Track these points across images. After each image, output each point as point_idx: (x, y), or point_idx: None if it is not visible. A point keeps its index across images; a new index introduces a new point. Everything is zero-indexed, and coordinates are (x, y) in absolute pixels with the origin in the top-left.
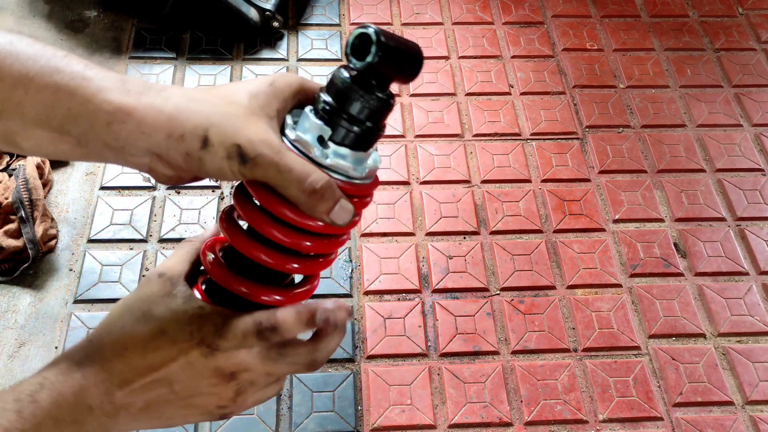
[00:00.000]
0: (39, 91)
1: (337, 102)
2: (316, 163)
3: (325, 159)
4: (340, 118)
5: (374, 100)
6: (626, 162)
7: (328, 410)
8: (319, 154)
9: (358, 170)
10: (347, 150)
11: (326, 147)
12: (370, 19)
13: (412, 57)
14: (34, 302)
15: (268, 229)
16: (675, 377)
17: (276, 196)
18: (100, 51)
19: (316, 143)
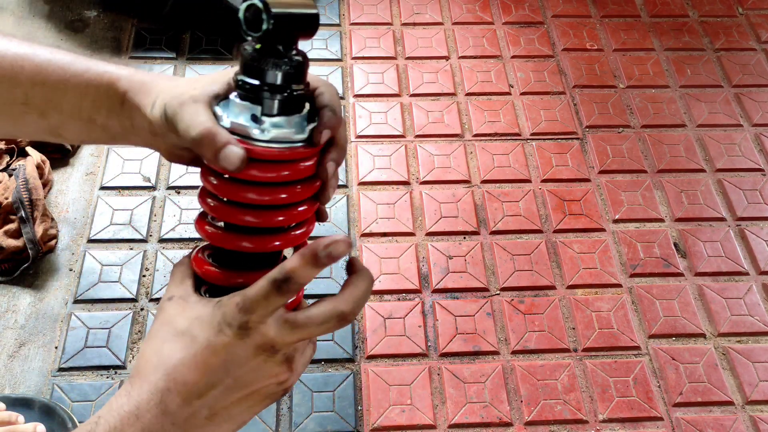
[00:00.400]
0: (73, 89)
1: (254, 77)
2: (259, 141)
3: (265, 134)
4: (262, 91)
5: (286, 64)
6: (626, 162)
7: (328, 410)
8: (258, 133)
9: (301, 132)
10: (282, 118)
11: (262, 123)
12: (370, 20)
13: (306, 14)
14: (34, 302)
15: (233, 214)
16: (675, 377)
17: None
18: (100, 51)
19: (251, 123)
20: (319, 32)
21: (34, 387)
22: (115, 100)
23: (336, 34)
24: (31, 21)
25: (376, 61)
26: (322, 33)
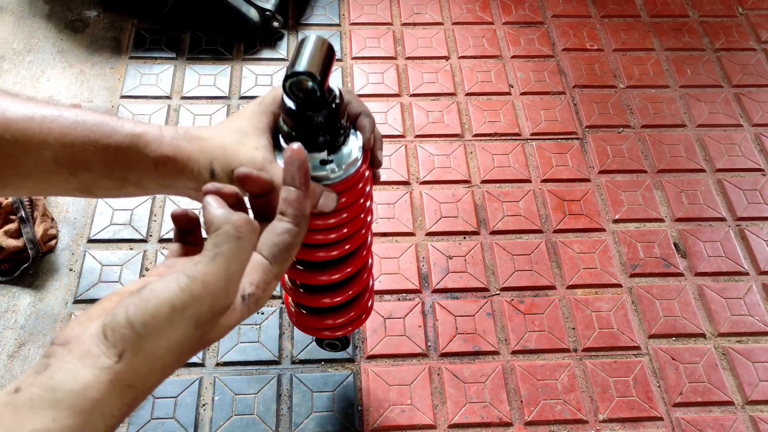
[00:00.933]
0: (104, 150)
1: (309, 131)
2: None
3: (339, 171)
4: (322, 140)
5: (330, 108)
6: (626, 162)
7: (328, 410)
8: (334, 174)
9: (357, 151)
10: (343, 151)
11: (330, 163)
12: (370, 20)
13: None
14: (34, 302)
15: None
16: (675, 377)
17: None
18: (100, 51)
19: (323, 167)
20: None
21: None
22: (147, 164)
23: (336, 34)
24: (31, 21)
25: (376, 61)
26: (322, 33)
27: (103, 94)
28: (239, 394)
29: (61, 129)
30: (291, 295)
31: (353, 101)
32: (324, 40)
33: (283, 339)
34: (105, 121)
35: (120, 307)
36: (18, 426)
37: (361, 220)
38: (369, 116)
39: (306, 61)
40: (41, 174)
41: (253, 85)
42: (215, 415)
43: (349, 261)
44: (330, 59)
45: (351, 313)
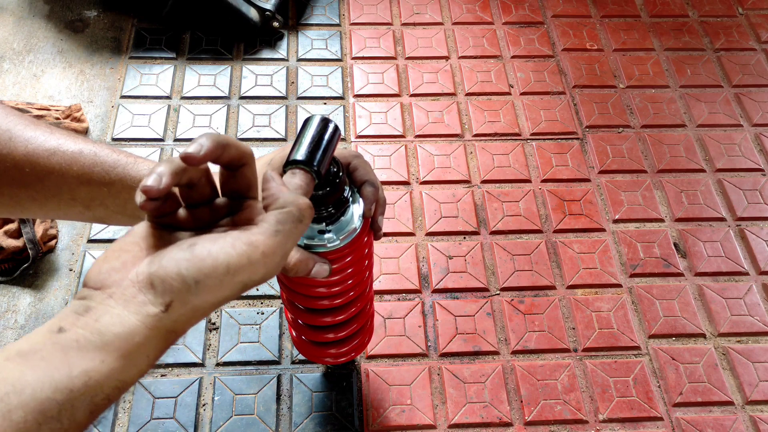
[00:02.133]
0: (118, 191)
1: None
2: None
3: (336, 241)
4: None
5: (331, 185)
6: (626, 162)
7: (328, 410)
8: (330, 243)
9: (356, 220)
10: (341, 221)
11: (329, 232)
12: (370, 20)
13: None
14: (34, 302)
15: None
16: (675, 377)
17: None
18: (100, 51)
19: (321, 237)
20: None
21: None
22: None
23: (336, 34)
24: (31, 21)
25: (376, 61)
26: (321, 33)
27: (103, 94)
28: (239, 394)
29: (80, 168)
30: (295, 329)
31: (360, 168)
32: (327, 122)
33: (283, 339)
34: (121, 162)
35: (169, 260)
36: (68, 366)
37: (360, 278)
38: (374, 185)
39: (305, 149)
40: (58, 205)
41: (253, 85)
42: (215, 415)
43: (348, 308)
44: (331, 143)
45: (352, 343)
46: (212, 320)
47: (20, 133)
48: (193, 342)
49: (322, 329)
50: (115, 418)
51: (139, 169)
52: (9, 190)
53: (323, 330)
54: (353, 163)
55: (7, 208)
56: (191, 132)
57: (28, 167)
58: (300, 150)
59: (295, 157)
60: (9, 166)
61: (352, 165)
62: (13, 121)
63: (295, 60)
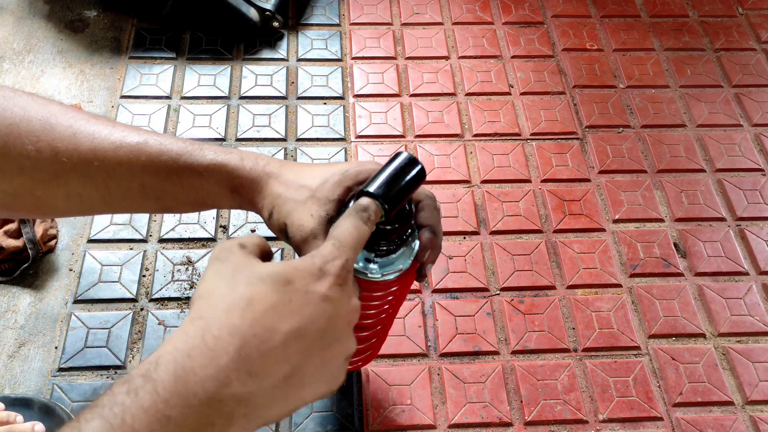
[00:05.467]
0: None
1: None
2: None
3: (377, 274)
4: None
5: (393, 224)
6: (626, 162)
7: (328, 410)
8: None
9: (406, 260)
10: (391, 257)
11: (375, 263)
12: (370, 20)
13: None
14: (34, 302)
15: None
16: (675, 377)
17: None
18: (100, 51)
19: (366, 264)
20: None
21: (34, 387)
22: (225, 190)
23: (336, 34)
24: (31, 21)
25: (376, 61)
26: (321, 33)
27: (103, 94)
28: None
29: (147, 158)
30: None
31: (426, 210)
32: (414, 162)
33: None
34: (188, 150)
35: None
36: None
37: (389, 311)
38: (434, 232)
39: (382, 183)
40: (131, 198)
41: (253, 85)
42: None
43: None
44: (411, 184)
45: (362, 355)
46: None
47: (83, 128)
48: None
49: None
50: None
51: (205, 155)
52: (78, 190)
53: None
54: (423, 203)
55: (74, 210)
56: (191, 132)
57: (96, 162)
58: (377, 182)
59: (370, 189)
60: (76, 162)
61: (421, 204)
62: (73, 116)
63: (295, 60)
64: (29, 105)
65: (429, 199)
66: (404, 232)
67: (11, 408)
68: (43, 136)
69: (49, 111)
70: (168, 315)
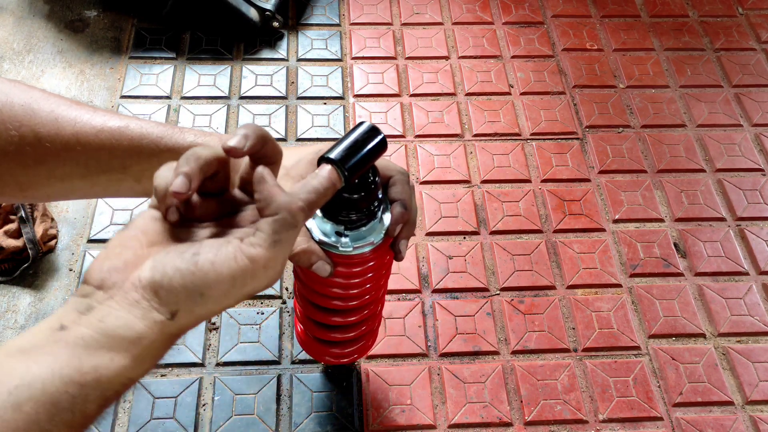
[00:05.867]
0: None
1: (334, 206)
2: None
3: (348, 248)
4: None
5: (360, 194)
6: (626, 162)
7: (328, 410)
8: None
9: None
10: (361, 230)
11: (345, 237)
12: (370, 20)
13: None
14: (34, 302)
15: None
16: (675, 377)
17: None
18: (100, 51)
19: (337, 238)
20: (319, 32)
21: None
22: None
23: (336, 34)
24: (31, 21)
25: (376, 61)
26: (322, 33)
27: (103, 94)
28: (239, 394)
29: (129, 141)
30: (301, 322)
31: (398, 185)
32: (375, 131)
33: (283, 339)
34: (169, 133)
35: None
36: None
37: (370, 290)
38: (405, 206)
39: (343, 149)
40: (108, 181)
41: (253, 85)
42: (215, 415)
43: (357, 313)
44: (372, 152)
45: (356, 345)
46: (212, 320)
47: (65, 113)
48: (193, 342)
49: (329, 328)
50: (115, 418)
51: (186, 137)
52: (62, 171)
53: (329, 329)
54: (394, 178)
55: (60, 193)
56: None
57: (79, 146)
58: (338, 149)
59: (330, 155)
60: (59, 147)
61: (392, 179)
62: (55, 101)
63: (295, 60)
64: (11, 91)
65: (400, 174)
66: (371, 203)
67: None
68: (25, 122)
69: (31, 96)
70: None
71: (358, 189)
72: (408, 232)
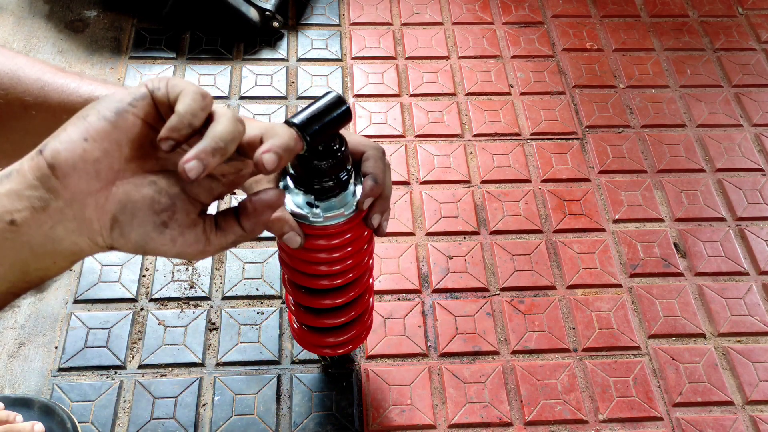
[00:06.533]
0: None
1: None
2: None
3: (319, 218)
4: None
5: (328, 161)
6: (626, 162)
7: (328, 410)
8: (314, 218)
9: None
10: (332, 201)
11: (316, 207)
12: (370, 20)
13: (335, 116)
14: (34, 302)
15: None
16: (675, 377)
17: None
18: (100, 51)
19: (308, 209)
20: (319, 32)
21: (34, 387)
22: None
23: (336, 34)
24: (31, 21)
25: (376, 61)
26: (321, 33)
27: None
28: (239, 394)
29: (81, 99)
30: (294, 314)
31: (371, 160)
32: (339, 100)
33: (283, 339)
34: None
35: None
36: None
37: (351, 266)
38: (376, 180)
39: (305, 116)
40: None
41: (253, 85)
42: (215, 415)
43: (345, 292)
44: (336, 120)
45: (350, 332)
46: (212, 320)
47: (51, 80)
48: (193, 342)
49: (320, 313)
50: (115, 418)
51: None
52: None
53: (321, 315)
54: (368, 153)
55: None
56: None
57: (66, 114)
58: (301, 114)
59: (293, 119)
60: (45, 115)
61: (366, 155)
62: (41, 69)
63: (295, 60)
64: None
65: (374, 150)
66: (339, 171)
67: (11, 408)
68: (11, 90)
69: (17, 64)
70: (168, 315)
71: (325, 156)
72: (381, 207)
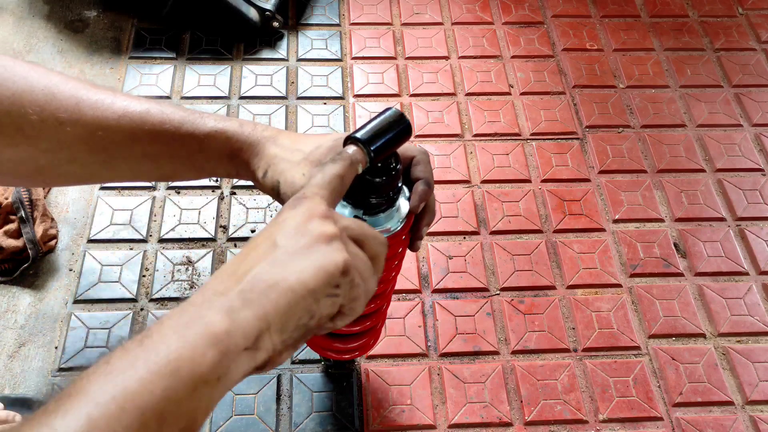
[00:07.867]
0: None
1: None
2: None
3: None
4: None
5: (381, 179)
6: (626, 162)
7: (328, 410)
8: None
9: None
10: (380, 216)
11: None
12: (370, 20)
13: (398, 132)
14: (34, 302)
15: None
16: (675, 377)
17: None
18: (100, 51)
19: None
20: (319, 32)
21: (34, 387)
22: (224, 155)
23: (336, 34)
24: (31, 21)
25: (376, 61)
26: (321, 33)
27: None
28: (239, 394)
29: (151, 126)
30: None
31: (422, 164)
32: (401, 117)
33: None
34: (189, 119)
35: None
36: None
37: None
38: (428, 185)
39: (368, 131)
40: (130, 163)
41: (253, 85)
42: (215, 415)
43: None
44: (397, 138)
45: (360, 341)
46: None
47: (86, 97)
48: None
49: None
50: None
51: (206, 122)
52: (82, 157)
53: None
54: (417, 158)
55: (78, 177)
56: None
57: (100, 131)
58: (364, 130)
59: (356, 135)
60: (80, 131)
61: (415, 159)
62: (75, 86)
63: (295, 60)
64: (30, 75)
65: (423, 154)
66: (392, 189)
67: (11, 408)
68: (46, 106)
69: (51, 81)
70: None
71: (381, 173)
72: (429, 219)
